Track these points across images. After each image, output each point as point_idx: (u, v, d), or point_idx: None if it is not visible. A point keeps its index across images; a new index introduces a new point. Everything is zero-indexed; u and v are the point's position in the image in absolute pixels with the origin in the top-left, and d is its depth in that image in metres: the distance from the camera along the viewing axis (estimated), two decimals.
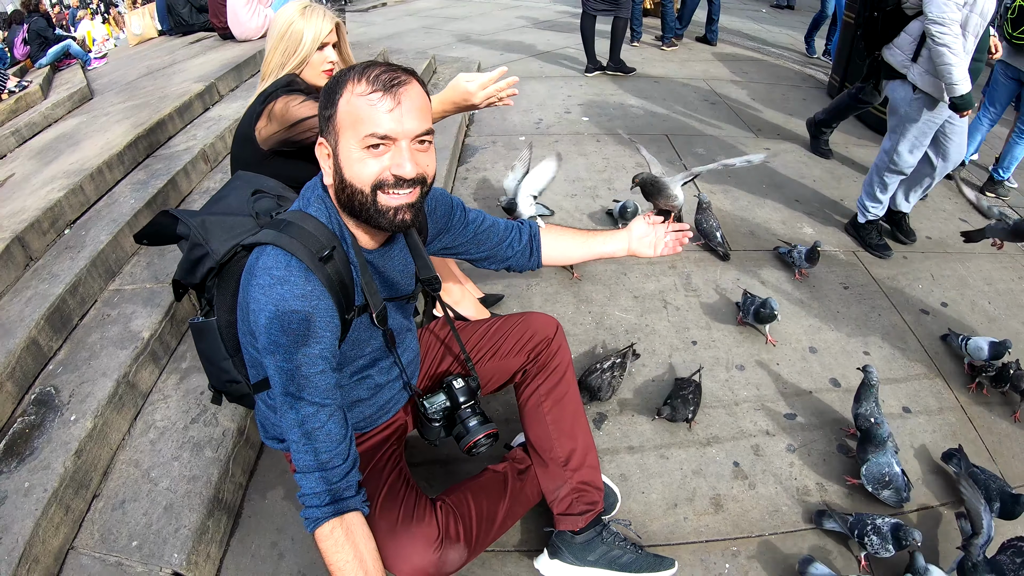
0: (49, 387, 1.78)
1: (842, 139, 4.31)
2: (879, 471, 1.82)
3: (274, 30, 1.77)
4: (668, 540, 1.72)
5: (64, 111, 3.44)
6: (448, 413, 1.41)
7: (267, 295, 1.05)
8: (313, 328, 1.06)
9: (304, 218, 1.12)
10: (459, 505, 1.34)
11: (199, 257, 1.24)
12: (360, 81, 1.04)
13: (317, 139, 1.13)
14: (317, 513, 1.08)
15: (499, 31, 7.13)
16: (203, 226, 1.25)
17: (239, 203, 1.33)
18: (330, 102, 1.07)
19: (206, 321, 1.27)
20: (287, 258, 1.06)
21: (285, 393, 1.07)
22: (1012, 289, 2.85)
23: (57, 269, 2.08)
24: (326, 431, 1.08)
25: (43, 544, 1.41)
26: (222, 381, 1.32)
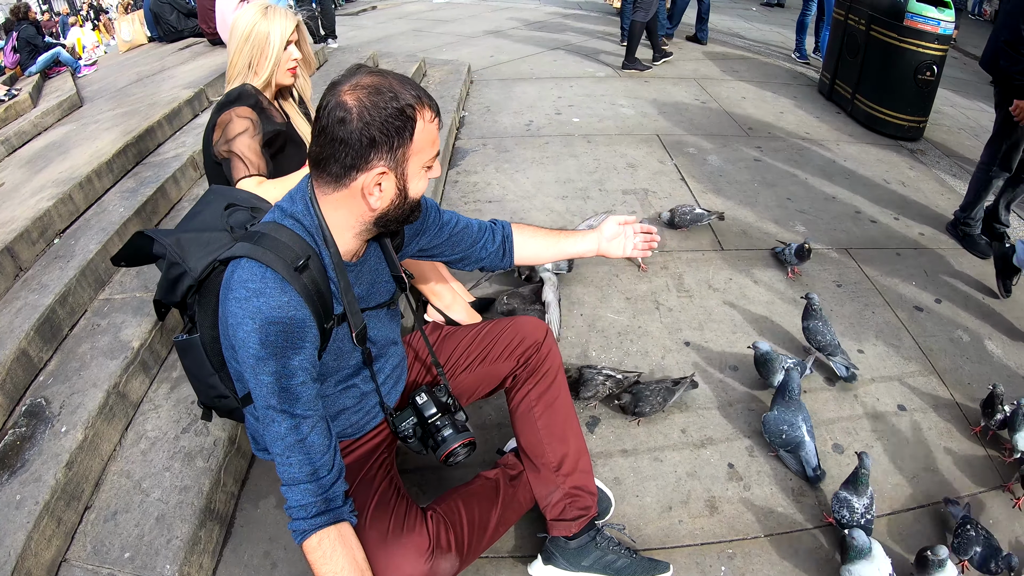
0: (40, 398, 1.77)
1: (833, 136, 4.33)
2: (777, 426, 1.91)
3: (237, 32, 1.78)
4: (663, 543, 1.71)
5: (54, 119, 3.42)
6: (422, 428, 1.39)
7: (243, 308, 1.04)
8: (292, 339, 1.05)
9: (277, 229, 1.11)
10: (450, 513, 1.33)
11: (177, 276, 1.23)
12: (424, 108, 1.08)
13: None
14: (304, 525, 1.07)
15: (489, 33, 7.14)
16: (178, 244, 1.23)
17: (213, 218, 1.32)
18: (403, 137, 1.06)
19: (189, 338, 1.26)
20: (262, 270, 1.05)
21: (267, 406, 1.06)
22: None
23: (47, 279, 2.07)
24: (310, 442, 1.08)
25: (35, 557, 1.40)
26: (210, 397, 1.31)
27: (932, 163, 4.06)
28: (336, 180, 1.09)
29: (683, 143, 4.10)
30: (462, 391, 1.58)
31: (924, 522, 1.82)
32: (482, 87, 5.12)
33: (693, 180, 3.60)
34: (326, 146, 1.06)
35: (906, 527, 1.80)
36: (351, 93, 1.03)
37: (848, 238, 3.12)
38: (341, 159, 1.06)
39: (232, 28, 1.81)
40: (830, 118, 4.66)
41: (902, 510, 1.84)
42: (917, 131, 4.30)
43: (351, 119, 1.03)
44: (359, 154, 1.05)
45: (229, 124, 1.72)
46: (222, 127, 1.76)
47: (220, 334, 1.18)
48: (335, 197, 1.11)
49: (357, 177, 1.07)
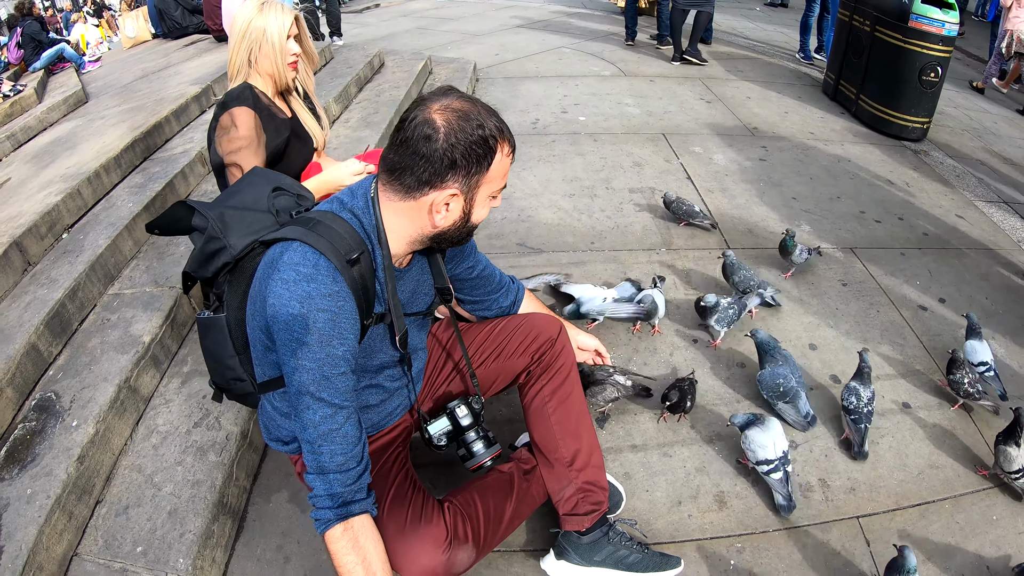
0: (50, 392, 1.77)
1: (838, 136, 4.34)
2: (774, 380, 2.03)
3: (235, 29, 1.79)
4: (673, 538, 1.72)
5: (59, 115, 3.42)
6: (453, 436, 1.43)
7: (291, 290, 1.03)
8: (338, 329, 1.05)
9: (334, 219, 1.12)
10: (466, 505, 1.34)
11: (215, 251, 1.22)
12: (505, 142, 1.12)
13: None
14: (329, 515, 1.08)
15: (494, 31, 7.13)
16: (221, 219, 1.23)
17: (255, 198, 1.31)
18: (482, 165, 1.09)
19: (215, 316, 1.25)
20: (316, 256, 1.05)
21: (304, 392, 1.06)
22: (1008, 285, 2.87)
23: (56, 274, 2.07)
24: (343, 433, 1.08)
25: (47, 551, 1.40)
26: (226, 379, 1.30)
27: (936, 164, 4.07)
28: (407, 191, 1.10)
29: (689, 142, 4.10)
30: (470, 390, 1.58)
31: (929, 517, 1.83)
32: (488, 85, 5.12)
33: (699, 179, 3.60)
34: (406, 157, 1.07)
35: (911, 523, 1.81)
36: (441, 113, 1.06)
37: (853, 238, 3.13)
38: (418, 173, 1.07)
39: (231, 25, 1.81)
40: (834, 118, 4.67)
41: (908, 506, 1.85)
42: (921, 132, 4.31)
43: (437, 138, 1.05)
44: (437, 172, 1.07)
45: (231, 131, 1.71)
46: (224, 128, 1.76)
47: (248, 315, 1.17)
48: (401, 206, 1.13)
49: (429, 193, 1.10)
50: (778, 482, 1.78)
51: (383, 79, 4.50)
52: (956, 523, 1.82)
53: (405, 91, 4.13)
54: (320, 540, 1.22)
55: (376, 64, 4.74)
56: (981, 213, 3.50)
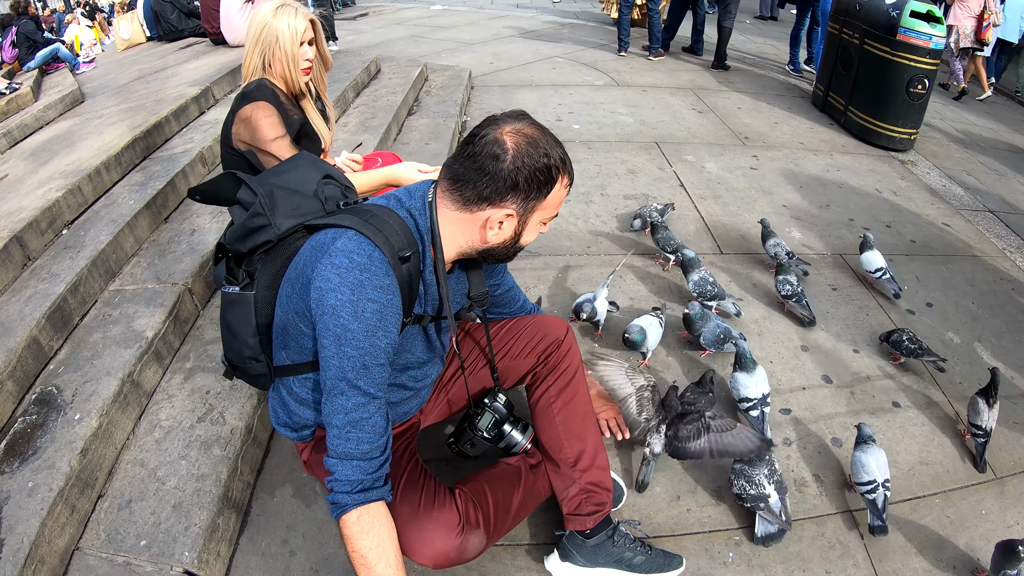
0: (51, 386, 1.76)
1: (827, 146, 4.43)
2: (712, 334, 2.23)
3: (250, 32, 1.81)
4: (673, 531, 1.75)
5: (56, 113, 3.41)
6: (499, 429, 1.52)
7: (343, 277, 1.04)
8: (385, 321, 1.07)
9: (391, 215, 1.14)
10: (477, 493, 1.36)
11: (257, 227, 1.23)
12: (565, 174, 1.16)
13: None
14: (347, 499, 1.09)
15: (488, 40, 7.20)
16: (271, 196, 1.24)
17: (303, 182, 1.32)
18: (541, 191, 1.13)
19: (243, 293, 1.25)
20: (371, 247, 1.07)
21: (341, 378, 1.06)
22: (994, 289, 2.95)
23: (56, 269, 2.07)
24: (373, 422, 1.09)
25: (49, 544, 1.39)
26: (243, 357, 1.30)
27: (923, 174, 4.17)
28: (465, 203, 1.13)
29: (681, 151, 4.17)
30: (485, 385, 1.61)
31: (920, 511, 1.88)
32: (483, 93, 5.17)
33: (692, 187, 3.67)
34: (471, 171, 1.11)
35: (903, 517, 1.86)
36: (512, 136, 1.09)
37: (843, 244, 3.20)
38: (480, 188, 1.11)
39: (248, 28, 1.84)
40: (823, 129, 4.78)
41: (900, 500, 1.90)
42: (908, 143, 4.42)
43: (505, 159, 1.09)
44: (498, 191, 1.11)
45: (255, 122, 1.73)
46: (243, 120, 1.78)
47: (283, 296, 1.18)
48: (456, 215, 1.15)
49: (486, 209, 1.13)
50: (755, 419, 2.02)
51: (380, 85, 4.54)
52: (947, 517, 1.87)
53: (402, 97, 4.17)
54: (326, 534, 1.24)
55: (373, 70, 4.78)
56: (967, 221, 3.60)
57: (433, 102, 4.52)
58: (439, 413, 1.63)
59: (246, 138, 1.79)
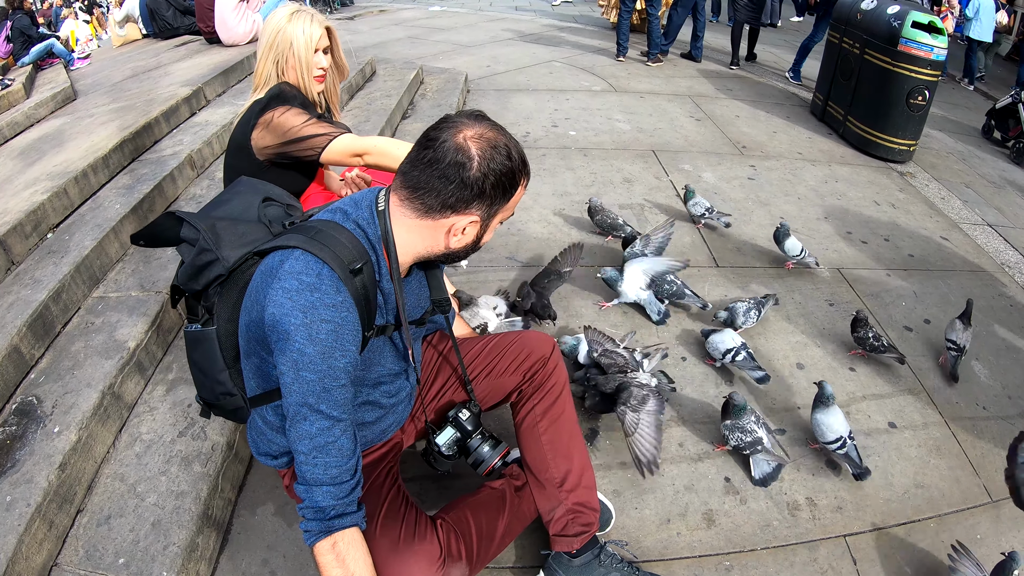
0: (31, 396, 1.73)
1: (825, 157, 4.41)
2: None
3: (263, 38, 1.76)
4: (662, 555, 1.72)
5: (47, 111, 3.36)
6: (461, 445, 1.45)
7: (294, 300, 1.01)
8: (341, 340, 1.03)
9: (337, 229, 1.10)
10: (459, 522, 1.32)
11: (207, 263, 1.20)
12: (525, 176, 1.15)
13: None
14: (319, 527, 1.06)
15: (485, 43, 7.17)
16: (213, 230, 1.20)
17: (244, 208, 1.29)
18: (506, 196, 1.12)
19: (204, 330, 1.22)
20: (319, 265, 1.03)
21: (302, 403, 1.03)
22: (992, 306, 2.93)
23: (40, 275, 2.03)
24: (338, 446, 1.06)
25: (26, 561, 1.36)
26: (215, 394, 1.27)
27: (921, 186, 4.15)
28: (426, 211, 1.10)
29: (678, 159, 4.15)
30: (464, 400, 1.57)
31: (915, 536, 1.86)
32: (479, 97, 5.14)
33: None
34: (432, 179, 1.07)
35: (897, 542, 1.83)
36: (475, 141, 1.06)
37: (840, 258, 3.18)
38: (444, 197, 1.07)
39: (261, 32, 1.80)
40: (822, 139, 4.76)
41: (894, 524, 1.88)
42: (907, 154, 4.40)
43: (471, 167, 1.06)
44: (463, 200, 1.08)
45: (280, 119, 1.68)
46: (266, 126, 1.72)
47: (242, 325, 1.15)
48: (415, 223, 1.12)
49: (450, 217, 1.10)
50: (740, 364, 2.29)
51: (374, 87, 4.50)
52: (941, 542, 1.84)
53: (396, 100, 4.13)
54: (307, 555, 1.20)
55: (368, 72, 4.74)
56: (966, 235, 3.58)
57: (428, 106, 4.49)
58: (422, 431, 1.59)
59: (272, 142, 1.72)
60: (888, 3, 4.22)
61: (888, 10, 4.16)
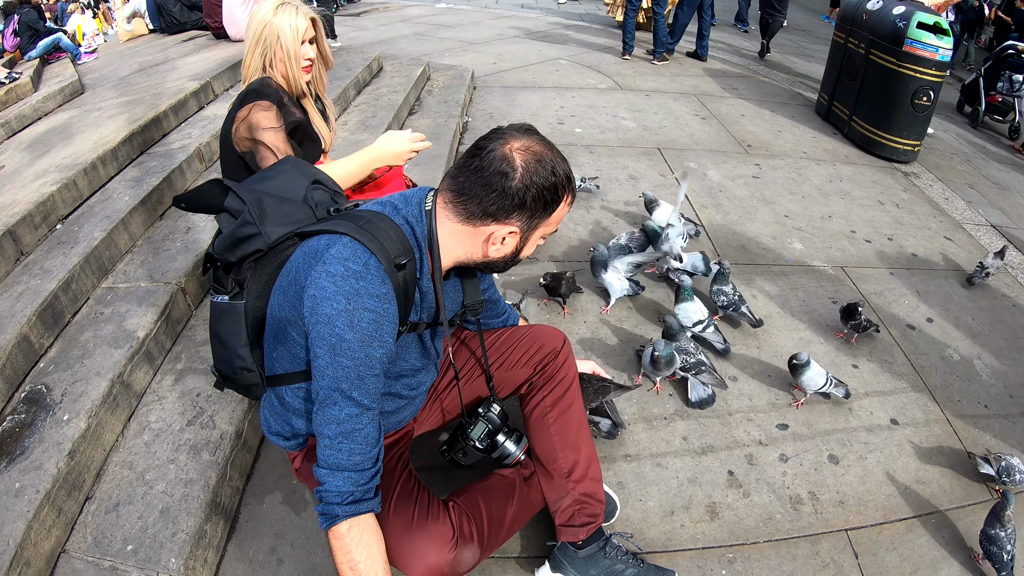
0: (40, 385, 1.74)
1: (829, 156, 4.41)
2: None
3: (250, 32, 1.77)
4: (666, 547, 1.73)
5: (55, 104, 3.38)
6: (492, 439, 1.49)
7: (338, 285, 1.02)
8: (381, 331, 1.05)
9: (386, 221, 1.11)
10: (470, 506, 1.34)
11: (247, 236, 1.19)
12: (570, 192, 1.15)
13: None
14: (338, 511, 1.07)
15: (491, 40, 7.17)
16: (259, 205, 1.20)
17: (291, 188, 1.29)
18: (547, 210, 1.12)
19: (232, 303, 1.22)
20: (366, 255, 1.04)
21: (334, 388, 1.04)
22: (995, 306, 2.93)
23: (49, 265, 2.05)
24: (365, 433, 1.08)
25: (35, 547, 1.37)
26: (234, 367, 1.27)
27: (925, 186, 4.15)
28: (468, 217, 1.11)
29: (684, 157, 4.15)
30: (479, 395, 1.59)
31: (916, 531, 1.87)
32: (485, 94, 5.14)
33: (693, 194, 3.64)
34: (476, 185, 1.08)
35: (898, 536, 1.85)
36: (521, 153, 1.07)
37: (844, 256, 3.18)
38: (485, 204, 1.09)
39: (247, 26, 1.81)
40: (827, 138, 4.75)
41: (895, 520, 1.89)
42: (911, 154, 4.39)
43: (514, 176, 1.07)
44: (504, 209, 1.09)
45: (252, 117, 1.71)
46: (242, 120, 1.75)
47: (274, 305, 1.15)
48: (457, 228, 1.13)
49: (490, 225, 1.11)
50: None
51: (381, 83, 4.51)
52: (942, 537, 1.86)
53: (403, 96, 4.14)
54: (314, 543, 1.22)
55: (375, 68, 4.75)
56: (969, 236, 3.58)
57: (435, 102, 4.49)
58: (432, 422, 1.61)
59: (246, 134, 1.76)
60: (893, 3, 4.22)
61: (894, 11, 4.15)
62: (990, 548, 1.72)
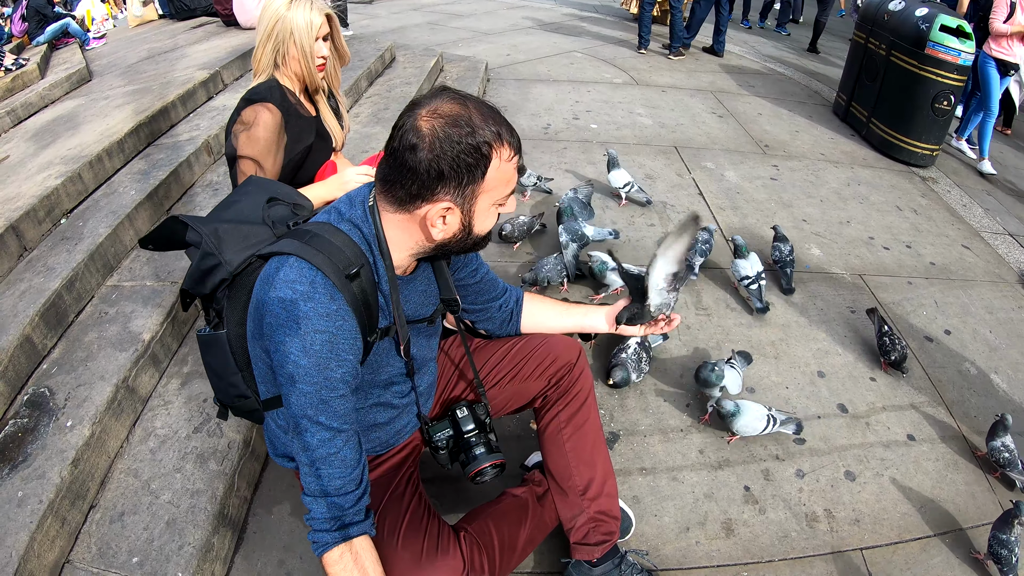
0: (43, 388, 1.71)
1: (847, 159, 4.33)
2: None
3: (261, 25, 1.70)
4: (680, 564, 1.70)
5: (62, 92, 3.32)
6: (454, 442, 1.38)
7: (288, 311, 0.98)
8: (336, 350, 1.00)
9: (332, 231, 1.06)
10: (481, 534, 1.30)
11: (211, 267, 1.17)
12: (504, 146, 1.02)
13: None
14: (327, 538, 1.05)
15: (505, 31, 7.07)
16: (215, 235, 1.18)
17: (252, 210, 1.26)
18: (475, 174, 1.01)
19: (215, 334, 1.20)
20: (312, 272, 1.00)
21: (302, 416, 1.01)
22: (1012, 319, 2.87)
23: (53, 262, 2.00)
24: (341, 457, 1.04)
25: (38, 559, 1.34)
26: (230, 396, 1.26)
27: (943, 192, 4.07)
28: (399, 204, 1.04)
29: (700, 157, 4.07)
30: (491, 405, 1.53)
31: (931, 551, 1.83)
32: (498, 86, 5.06)
33: (710, 195, 3.58)
34: (395, 169, 1.01)
35: (912, 556, 1.81)
36: (427, 119, 0.98)
37: (862, 264, 3.12)
38: (407, 186, 1.01)
39: (259, 19, 1.74)
40: (844, 140, 4.66)
41: (910, 539, 1.85)
42: (930, 159, 4.31)
43: (422, 148, 0.97)
44: (425, 185, 1.00)
45: (252, 128, 1.64)
46: (244, 124, 1.68)
47: (249, 333, 1.12)
48: (397, 218, 1.07)
49: (422, 207, 1.03)
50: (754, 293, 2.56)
51: (394, 74, 4.44)
52: (956, 559, 1.82)
53: (417, 87, 4.07)
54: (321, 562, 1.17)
55: (387, 59, 4.67)
56: (987, 244, 3.51)
57: None
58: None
59: (242, 145, 1.69)
60: (916, 5, 4.11)
61: (916, 12, 4.05)
62: (999, 551, 1.74)
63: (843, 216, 3.54)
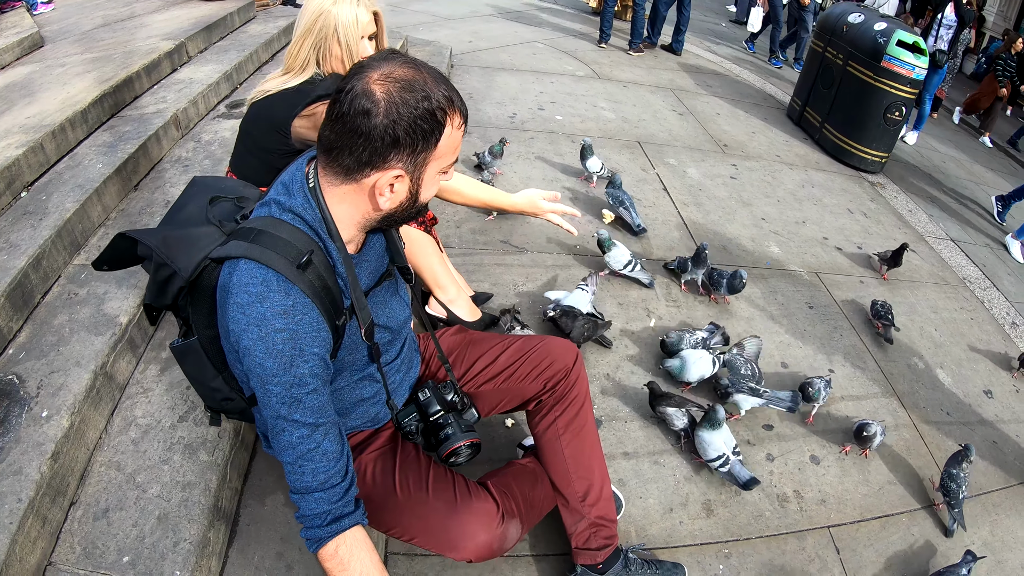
0: (11, 375, 1.58)
1: (801, 161, 4.56)
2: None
3: (302, 18, 1.60)
4: (667, 543, 1.80)
5: (12, 57, 3.02)
6: (424, 424, 1.34)
7: (246, 314, 0.96)
8: (300, 346, 0.98)
9: (276, 224, 1.02)
10: (505, 485, 1.34)
11: (166, 277, 1.12)
12: (455, 113, 1.00)
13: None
14: (320, 533, 1.04)
15: (466, 17, 6.98)
16: (165, 244, 1.12)
17: (197, 212, 1.21)
18: (429, 141, 0.98)
19: (187, 342, 1.16)
20: (263, 272, 0.97)
21: (277, 416, 1.00)
22: (955, 319, 3.13)
23: (16, 238, 1.84)
24: (322, 451, 1.03)
25: (20, 563, 1.23)
26: (216, 400, 1.23)
27: (891, 197, 4.35)
28: (346, 173, 1.00)
29: (663, 153, 4.18)
30: (483, 403, 1.54)
31: (889, 528, 2.01)
32: (463, 73, 5.02)
33: (675, 191, 3.68)
34: (343, 135, 0.95)
35: (874, 533, 1.98)
36: (381, 83, 0.93)
37: (818, 262, 3.31)
38: (357, 153, 0.96)
39: (300, 12, 1.64)
40: (798, 143, 4.90)
41: (871, 518, 2.03)
42: (879, 165, 4.59)
43: (377, 113, 0.93)
44: (378, 152, 0.96)
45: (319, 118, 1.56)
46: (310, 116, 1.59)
47: (220, 335, 1.09)
48: (342, 190, 1.03)
49: (371, 175, 0.99)
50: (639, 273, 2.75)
51: None
52: (912, 535, 2.01)
53: None
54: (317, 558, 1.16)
55: None
56: (931, 249, 3.79)
57: None
58: None
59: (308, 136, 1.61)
60: (875, 19, 4.36)
61: (875, 26, 4.29)
62: (949, 484, 2.03)
63: (799, 216, 3.73)
